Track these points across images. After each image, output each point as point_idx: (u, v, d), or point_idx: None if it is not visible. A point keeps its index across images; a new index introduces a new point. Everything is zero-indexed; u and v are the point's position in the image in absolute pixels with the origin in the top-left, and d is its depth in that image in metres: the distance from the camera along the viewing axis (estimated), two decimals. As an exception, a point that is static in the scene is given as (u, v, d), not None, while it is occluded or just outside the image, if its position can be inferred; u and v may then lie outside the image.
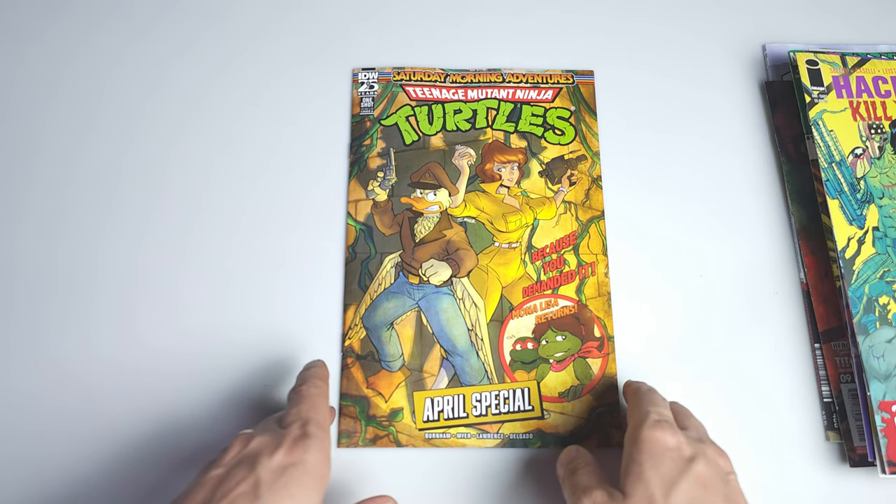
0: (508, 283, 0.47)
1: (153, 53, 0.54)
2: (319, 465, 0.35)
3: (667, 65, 0.55)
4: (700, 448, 0.36)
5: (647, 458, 0.35)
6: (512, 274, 0.47)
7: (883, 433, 0.42)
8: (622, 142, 0.52)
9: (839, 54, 0.52)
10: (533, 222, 0.49)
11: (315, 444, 0.35)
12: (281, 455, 0.34)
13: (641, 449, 0.35)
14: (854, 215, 0.47)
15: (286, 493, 0.33)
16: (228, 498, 0.32)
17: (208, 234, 0.49)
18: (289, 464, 0.34)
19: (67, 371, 0.45)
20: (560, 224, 0.49)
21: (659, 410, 0.37)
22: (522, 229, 0.49)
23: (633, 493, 0.34)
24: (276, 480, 0.33)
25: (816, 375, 0.46)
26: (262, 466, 0.33)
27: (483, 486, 0.43)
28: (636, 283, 0.48)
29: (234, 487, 0.33)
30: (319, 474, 0.34)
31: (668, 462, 0.34)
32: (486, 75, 0.53)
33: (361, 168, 0.50)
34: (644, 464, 0.35)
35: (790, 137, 0.52)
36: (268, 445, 0.35)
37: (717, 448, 0.37)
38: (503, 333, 0.46)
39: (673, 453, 0.35)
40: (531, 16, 0.56)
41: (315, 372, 0.40)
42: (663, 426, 0.36)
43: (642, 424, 0.36)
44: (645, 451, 0.35)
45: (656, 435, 0.36)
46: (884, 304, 0.45)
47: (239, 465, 0.34)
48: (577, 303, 0.47)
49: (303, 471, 0.34)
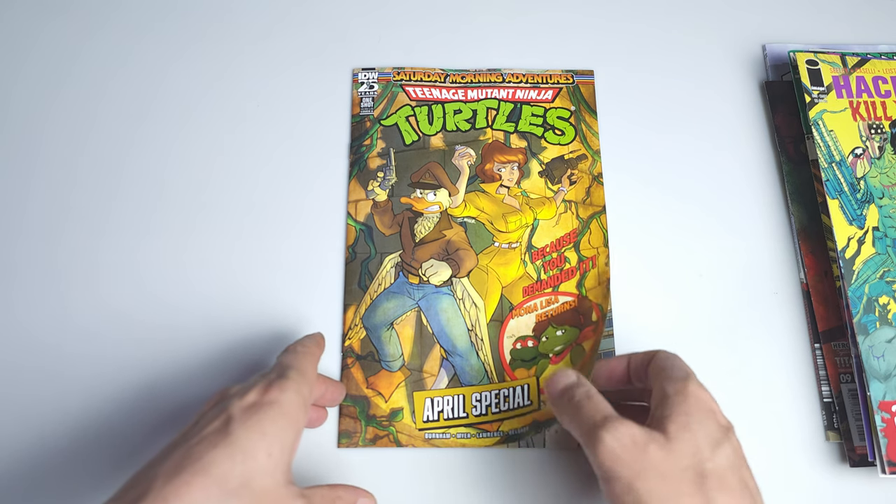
0: (508, 283, 0.47)
1: (153, 54, 0.54)
2: (295, 408, 0.34)
3: (667, 65, 0.55)
4: (730, 424, 0.35)
5: (694, 411, 0.34)
6: (512, 274, 0.47)
7: (883, 433, 0.42)
8: (622, 142, 0.52)
9: (839, 54, 0.52)
10: (533, 222, 0.49)
11: (291, 385, 0.34)
12: (254, 394, 0.34)
13: (689, 402, 0.34)
14: (854, 215, 0.47)
15: (258, 429, 0.32)
16: (199, 436, 0.32)
17: (208, 234, 0.49)
18: (262, 402, 0.33)
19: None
20: (560, 223, 0.49)
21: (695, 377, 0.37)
22: (522, 229, 0.49)
23: (678, 437, 0.33)
24: (249, 418, 0.32)
25: (816, 375, 0.46)
26: (234, 405, 0.33)
27: (483, 486, 0.43)
28: (636, 283, 0.48)
29: (206, 426, 0.32)
30: (294, 417, 0.34)
31: (712, 423, 0.34)
32: (487, 75, 0.53)
33: (361, 168, 0.50)
34: (692, 416, 0.34)
35: (790, 137, 0.52)
36: (243, 388, 0.35)
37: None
38: (503, 333, 0.46)
39: (716, 416, 0.35)
40: (531, 16, 0.56)
41: (309, 336, 0.41)
42: (706, 390, 0.35)
43: (688, 380, 0.35)
44: (693, 404, 0.34)
45: (702, 394, 0.35)
46: (884, 304, 0.45)
47: (214, 407, 0.34)
48: (577, 296, 0.47)
49: (277, 410, 0.33)
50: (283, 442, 0.33)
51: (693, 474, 0.32)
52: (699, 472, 0.32)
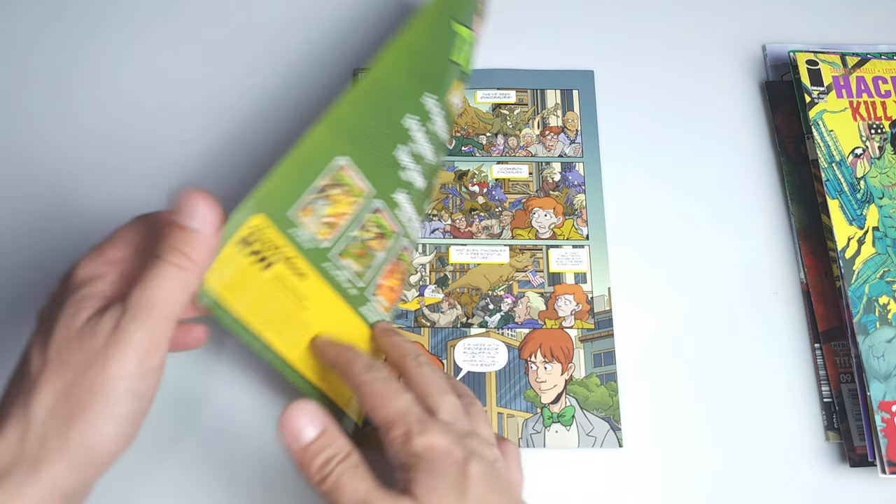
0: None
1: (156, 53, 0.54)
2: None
3: (667, 65, 0.55)
4: (467, 444, 0.33)
5: (435, 467, 0.32)
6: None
7: (883, 433, 0.42)
8: (622, 142, 0.52)
9: (839, 54, 0.52)
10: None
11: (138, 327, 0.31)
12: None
13: (420, 462, 0.32)
14: (854, 215, 0.47)
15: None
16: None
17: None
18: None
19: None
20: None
21: (414, 407, 0.34)
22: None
23: (429, 501, 0.31)
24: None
25: (816, 375, 0.46)
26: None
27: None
28: (635, 283, 0.48)
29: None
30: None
31: (451, 471, 0.32)
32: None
33: None
34: (434, 474, 0.32)
35: (790, 137, 0.52)
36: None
37: (477, 426, 0.36)
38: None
39: (449, 462, 0.32)
40: (531, 15, 0.56)
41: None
42: (432, 431, 0.33)
43: (412, 431, 0.33)
44: (422, 463, 0.32)
45: (427, 442, 0.32)
46: (884, 304, 0.45)
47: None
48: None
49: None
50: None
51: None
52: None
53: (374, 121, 0.41)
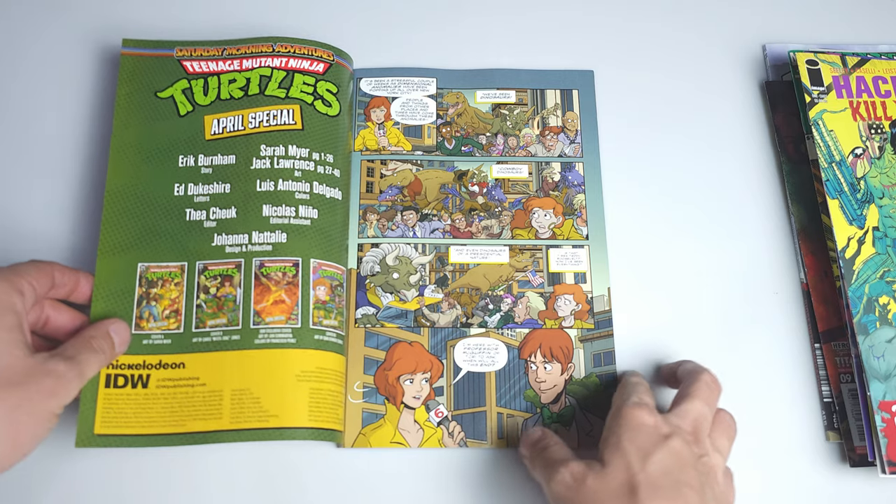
0: None
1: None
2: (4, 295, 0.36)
3: (667, 65, 0.55)
4: (676, 428, 0.37)
5: (624, 431, 0.37)
6: None
7: (883, 433, 0.42)
8: (621, 141, 0.52)
9: (839, 54, 0.52)
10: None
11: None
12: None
13: (620, 423, 0.37)
14: (854, 215, 0.47)
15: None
16: None
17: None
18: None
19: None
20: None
21: (640, 396, 0.39)
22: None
23: (610, 461, 0.36)
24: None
25: (816, 375, 0.46)
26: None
27: (484, 486, 0.43)
28: (636, 283, 0.48)
29: None
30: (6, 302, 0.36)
31: (643, 436, 0.36)
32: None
33: None
34: (622, 436, 0.37)
35: (790, 137, 0.52)
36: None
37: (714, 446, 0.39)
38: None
39: (650, 429, 0.37)
40: (531, 15, 0.56)
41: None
42: (642, 407, 0.38)
43: (623, 404, 0.39)
44: (623, 425, 0.37)
45: (634, 413, 0.38)
46: (884, 304, 0.45)
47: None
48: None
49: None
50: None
51: (626, 490, 0.35)
52: (631, 487, 0.35)
53: (146, 209, 0.45)
